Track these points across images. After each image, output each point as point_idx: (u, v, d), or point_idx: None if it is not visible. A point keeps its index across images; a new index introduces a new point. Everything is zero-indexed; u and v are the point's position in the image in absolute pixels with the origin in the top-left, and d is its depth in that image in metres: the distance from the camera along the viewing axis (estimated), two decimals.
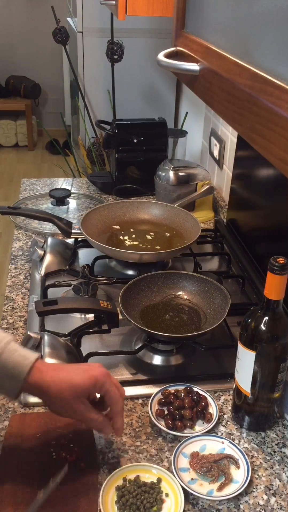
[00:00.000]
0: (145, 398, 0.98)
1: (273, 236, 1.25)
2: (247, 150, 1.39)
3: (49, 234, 1.50)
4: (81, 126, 2.42)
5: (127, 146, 1.78)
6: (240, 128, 0.60)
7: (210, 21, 0.75)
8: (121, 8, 1.22)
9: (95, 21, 2.26)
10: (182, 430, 0.91)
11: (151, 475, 0.82)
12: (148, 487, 0.80)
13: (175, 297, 1.18)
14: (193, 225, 1.39)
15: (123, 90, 2.34)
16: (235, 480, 0.82)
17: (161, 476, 0.82)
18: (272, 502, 0.81)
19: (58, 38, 2.22)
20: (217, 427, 0.93)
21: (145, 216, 1.48)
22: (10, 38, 4.98)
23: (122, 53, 2.09)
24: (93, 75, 2.35)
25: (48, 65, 5.04)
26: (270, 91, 0.50)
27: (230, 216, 1.56)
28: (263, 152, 0.53)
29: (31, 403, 0.95)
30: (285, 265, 0.79)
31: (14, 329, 1.14)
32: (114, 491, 0.79)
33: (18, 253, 1.44)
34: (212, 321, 1.08)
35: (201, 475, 0.83)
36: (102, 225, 1.41)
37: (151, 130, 1.80)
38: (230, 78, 0.62)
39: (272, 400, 0.90)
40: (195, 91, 0.80)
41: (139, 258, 1.26)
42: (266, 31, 0.53)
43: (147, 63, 2.33)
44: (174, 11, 0.92)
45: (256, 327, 0.84)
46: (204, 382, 1.01)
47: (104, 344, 1.10)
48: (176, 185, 1.59)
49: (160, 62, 0.80)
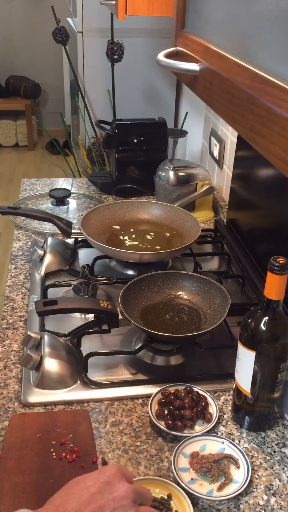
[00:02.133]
0: (145, 398, 0.98)
1: (273, 236, 1.25)
2: (247, 150, 1.39)
3: (49, 234, 1.50)
4: (81, 126, 2.42)
5: (127, 146, 1.78)
6: (240, 128, 0.60)
7: (210, 21, 0.75)
8: (121, 8, 1.22)
9: (95, 21, 2.26)
10: (182, 430, 0.91)
11: (162, 489, 0.80)
12: (158, 503, 0.77)
13: (175, 297, 1.18)
14: (193, 225, 1.39)
15: (123, 90, 2.34)
16: (235, 480, 0.82)
17: (172, 493, 0.79)
18: (272, 502, 0.81)
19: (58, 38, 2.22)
20: (217, 427, 0.93)
21: (144, 216, 1.48)
22: (10, 38, 4.98)
23: (122, 53, 2.09)
24: (93, 75, 2.35)
25: (48, 65, 5.04)
26: (270, 91, 0.50)
27: (230, 216, 1.56)
28: (263, 152, 0.53)
29: (31, 403, 0.95)
30: (285, 265, 0.79)
31: (14, 329, 1.14)
32: None
33: (18, 253, 1.44)
34: (212, 321, 1.08)
35: (201, 475, 0.83)
36: (102, 225, 1.41)
37: (151, 130, 1.80)
38: (230, 78, 0.62)
39: (272, 400, 0.90)
40: (195, 91, 0.80)
41: (139, 258, 1.26)
42: (266, 31, 0.53)
43: (147, 63, 2.33)
44: (174, 11, 0.92)
45: (256, 327, 0.84)
46: (204, 382, 1.01)
47: (104, 344, 1.10)
48: (176, 185, 1.59)
49: (160, 62, 0.80)
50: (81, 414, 0.93)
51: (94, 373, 1.02)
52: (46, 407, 0.95)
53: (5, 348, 1.09)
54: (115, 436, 0.90)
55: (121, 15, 1.23)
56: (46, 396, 0.96)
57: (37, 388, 0.97)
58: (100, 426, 0.92)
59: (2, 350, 1.08)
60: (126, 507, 0.63)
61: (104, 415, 0.94)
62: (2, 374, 1.02)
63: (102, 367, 1.04)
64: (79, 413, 0.93)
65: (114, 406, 0.96)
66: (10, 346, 1.09)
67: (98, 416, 0.94)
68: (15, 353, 1.07)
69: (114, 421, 0.93)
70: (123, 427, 0.92)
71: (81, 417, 0.92)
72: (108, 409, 0.96)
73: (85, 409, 0.95)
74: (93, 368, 1.02)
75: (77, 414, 0.93)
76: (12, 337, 1.12)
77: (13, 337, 1.12)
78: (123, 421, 0.93)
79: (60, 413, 0.93)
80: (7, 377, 1.01)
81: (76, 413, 0.93)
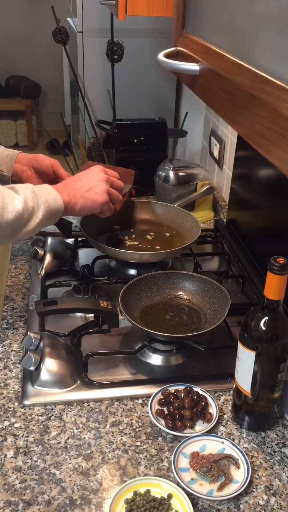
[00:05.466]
0: (144, 398, 0.98)
1: (273, 236, 1.25)
2: (247, 150, 1.39)
3: (49, 234, 1.49)
4: (81, 126, 2.42)
5: (127, 146, 1.78)
6: (240, 128, 0.60)
7: (210, 21, 0.75)
8: (121, 8, 1.22)
9: (95, 21, 2.26)
10: (182, 430, 0.91)
11: (161, 490, 0.80)
12: (158, 503, 0.78)
13: (175, 297, 1.18)
14: (193, 225, 1.39)
15: (123, 90, 2.33)
16: (235, 480, 0.82)
17: (172, 493, 0.80)
18: (272, 502, 0.81)
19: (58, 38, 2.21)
20: (217, 427, 0.93)
21: (144, 216, 1.49)
22: (10, 38, 4.97)
23: (122, 53, 2.09)
24: (93, 75, 2.35)
25: (48, 65, 5.04)
26: (270, 91, 0.50)
27: (230, 216, 1.56)
28: (263, 152, 0.53)
29: (31, 403, 0.95)
30: (285, 265, 0.79)
31: (14, 329, 1.14)
32: (123, 504, 0.78)
33: (18, 253, 1.44)
34: (212, 321, 1.08)
35: (201, 475, 0.83)
36: (102, 225, 1.41)
37: (151, 130, 1.80)
38: (230, 78, 0.62)
39: (272, 400, 0.90)
40: (195, 91, 0.80)
41: (139, 258, 1.27)
42: (266, 31, 0.53)
43: (147, 63, 2.33)
44: (174, 11, 0.92)
45: (256, 327, 0.84)
46: (204, 382, 1.01)
47: (104, 344, 1.10)
48: (176, 185, 1.59)
49: (160, 62, 0.80)
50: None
51: (94, 373, 1.02)
52: (46, 407, 0.95)
53: (5, 348, 1.09)
54: (115, 436, 0.90)
55: (121, 15, 1.23)
56: (46, 396, 0.96)
57: (37, 388, 0.97)
58: (100, 426, 0.92)
59: (2, 350, 1.08)
60: (103, 181, 1.14)
61: (104, 415, 0.95)
62: (2, 374, 1.02)
63: (102, 367, 1.04)
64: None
65: (114, 406, 0.96)
66: (10, 346, 1.09)
67: (98, 416, 0.94)
68: (15, 353, 1.07)
69: (114, 421, 0.93)
70: (123, 427, 0.92)
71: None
72: (108, 409, 0.96)
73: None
74: (93, 368, 1.03)
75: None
76: (12, 337, 1.12)
77: (13, 337, 1.12)
78: (123, 421, 0.93)
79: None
80: (7, 377, 1.01)
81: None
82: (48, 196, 1.03)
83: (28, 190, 1.01)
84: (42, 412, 0.95)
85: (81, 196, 1.10)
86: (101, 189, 1.12)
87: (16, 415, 0.94)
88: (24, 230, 1.00)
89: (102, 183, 1.13)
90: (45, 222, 1.03)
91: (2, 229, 0.97)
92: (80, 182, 1.13)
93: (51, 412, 0.95)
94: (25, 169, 1.21)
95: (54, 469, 0.85)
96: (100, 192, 1.12)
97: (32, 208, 0.99)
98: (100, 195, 1.12)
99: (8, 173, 1.19)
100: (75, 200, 1.09)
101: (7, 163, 1.19)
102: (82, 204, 1.10)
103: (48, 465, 0.85)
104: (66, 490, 0.81)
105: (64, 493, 0.81)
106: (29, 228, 1.00)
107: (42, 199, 1.01)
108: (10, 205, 0.97)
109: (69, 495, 0.81)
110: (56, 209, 1.04)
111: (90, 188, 1.12)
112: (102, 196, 1.12)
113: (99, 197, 1.12)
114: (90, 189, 1.12)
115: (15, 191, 1.00)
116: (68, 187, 1.11)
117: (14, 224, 0.98)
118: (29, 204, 0.99)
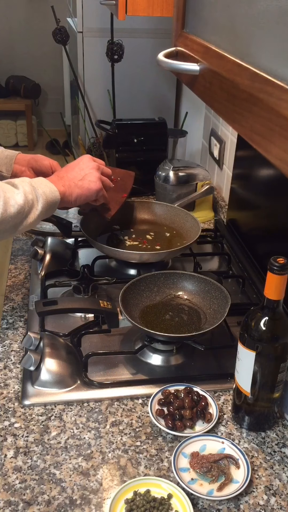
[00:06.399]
0: (144, 398, 0.98)
1: (273, 236, 1.25)
2: (247, 150, 1.39)
3: (49, 234, 1.49)
4: (81, 126, 2.42)
5: (127, 146, 1.78)
6: (240, 128, 0.60)
7: (210, 21, 0.75)
8: (121, 8, 1.22)
9: (95, 21, 2.26)
10: (182, 430, 0.91)
11: (161, 490, 0.80)
12: (157, 503, 0.78)
13: (175, 297, 1.18)
14: (193, 225, 1.39)
15: (123, 90, 2.34)
16: (235, 480, 0.82)
17: (172, 493, 0.80)
18: (272, 502, 0.81)
19: (58, 38, 2.21)
20: (217, 427, 0.93)
21: (144, 216, 1.48)
22: (10, 38, 4.98)
23: (122, 53, 2.09)
24: (93, 75, 2.35)
25: (48, 65, 5.04)
26: (270, 91, 0.50)
27: (230, 216, 1.56)
28: (263, 152, 0.53)
29: (31, 403, 0.95)
30: (285, 265, 0.79)
31: (14, 329, 1.14)
32: (123, 504, 0.78)
33: (18, 253, 1.44)
34: (212, 321, 1.08)
35: (201, 475, 0.83)
36: (102, 225, 1.41)
37: (151, 130, 1.80)
38: (230, 78, 0.62)
39: (272, 400, 0.90)
40: (195, 91, 0.80)
41: (140, 258, 1.27)
42: (266, 31, 0.53)
43: (147, 63, 2.33)
44: (174, 11, 0.92)
45: (256, 327, 0.84)
46: (204, 382, 1.01)
47: (104, 344, 1.10)
48: (176, 185, 1.59)
49: (159, 62, 0.80)
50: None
51: (94, 373, 1.02)
52: (46, 407, 0.95)
53: (5, 348, 1.09)
54: (115, 436, 0.90)
55: (121, 15, 1.23)
56: (46, 396, 0.96)
57: (37, 388, 0.97)
58: (100, 426, 0.92)
59: (2, 350, 1.08)
60: (94, 169, 1.16)
61: (104, 415, 0.95)
62: (2, 374, 1.02)
63: (102, 367, 1.04)
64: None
65: (114, 406, 0.96)
66: (10, 346, 1.09)
67: (98, 416, 0.94)
68: (15, 353, 1.07)
69: (114, 421, 0.93)
70: (123, 427, 0.92)
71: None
72: (108, 409, 0.96)
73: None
74: (93, 368, 1.03)
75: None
76: (12, 337, 1.12)
77: (13, 337, 1.12)
78: (123, 421, 0.93)
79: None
80: (7, 377, 1.01)
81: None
82: (45, 188, 1.05)
83: (26, 183, 1.03)
84: (42, 412, 0.95)
85: (76, 186, 1.12)
86: (94, 176, 1.14)
87: (16, 415, 0.94)
88: (24, 223, 1.01)
89: (94, 171, 1.15)
90: (44, 214, 1.05)
91: (5, 223, 0.98)
92: (72, 172, 1.15)
93: (51, 412, 0.95)
94: (24, 169, 1.21)
95: (54, 469, 0.85)
96: (94, 180, 1.14)
97: (32, 201, 1.01)
98: (94, 183, 1.14)
99: (7, 173, 1.19)
100: (71, 190, 1.11)
101: (6, 164, 1.20)
102: (78, 193, 1.12)
103: (48, 465, 0.85)
104: (66, 490, 0.81)
105: (64, 493, 0.81)
106: (30, 221, 1.02)
107: (40, 192, 1.03)
108: (11, 199, 0.98)
109: (69, 495, 0.81)
110: (54, 200, 1.06)
111: (83, 177, 1.14)
112: (96, 184, 1.14)
113: (93, 185, 1.14)
114: (84, 178, 1.14)
115: (14, 186, 1.01)
116: (61, 178, 1.13)
117: (16, 218, 0.99)
118: (29, 197, 1.01)
